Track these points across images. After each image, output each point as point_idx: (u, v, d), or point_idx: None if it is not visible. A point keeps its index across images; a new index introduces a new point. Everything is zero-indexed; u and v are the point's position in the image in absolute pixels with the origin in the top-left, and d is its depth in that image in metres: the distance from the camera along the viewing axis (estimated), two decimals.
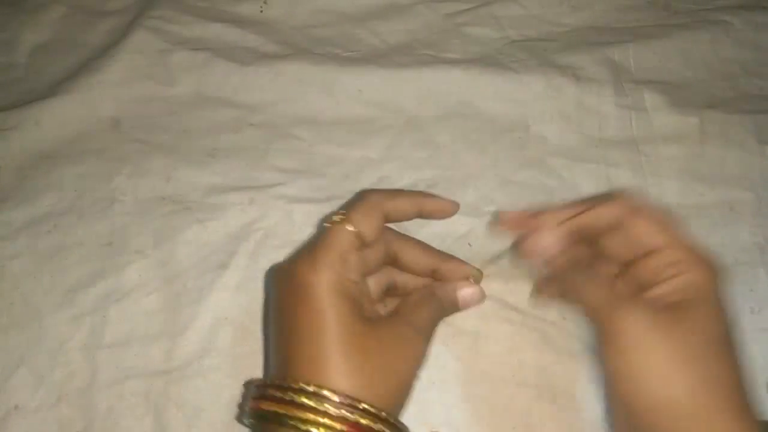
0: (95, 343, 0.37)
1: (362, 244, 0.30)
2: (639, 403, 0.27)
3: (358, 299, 0.29)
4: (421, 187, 0.43)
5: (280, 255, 0.40)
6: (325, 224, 0.31)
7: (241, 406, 0.35)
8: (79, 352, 0.37)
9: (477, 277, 0.35)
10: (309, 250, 0.30)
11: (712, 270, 0.29)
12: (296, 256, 0.30)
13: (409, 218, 0.33)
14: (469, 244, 0.41)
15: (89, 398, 0.36)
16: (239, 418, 0.34)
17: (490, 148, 0.45)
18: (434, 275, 0.34)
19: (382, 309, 0.34)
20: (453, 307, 0.34)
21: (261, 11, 0.52)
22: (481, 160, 0.44)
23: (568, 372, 0.36)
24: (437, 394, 0.36)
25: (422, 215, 0.34)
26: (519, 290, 0.39)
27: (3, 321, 0.38)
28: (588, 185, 0.43)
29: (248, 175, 0.43)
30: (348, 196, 0.42)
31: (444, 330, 0.37)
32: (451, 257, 0.35)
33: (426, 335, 0.31)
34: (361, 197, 0.32)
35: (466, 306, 0.34)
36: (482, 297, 0.34)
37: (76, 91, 0.46)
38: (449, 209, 0.35)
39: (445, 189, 0.43)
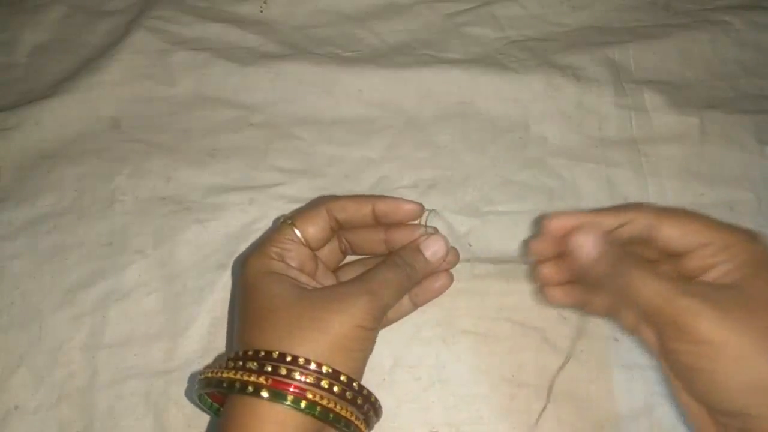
0: (95, 343, 0.37)
1: (307, 243, 0.34)
2: (728, 389, 0.26)
3: (293, 275, 0.32)
4: (421, 187, 0.43)
5: None
6: (278, 222, 0.34)
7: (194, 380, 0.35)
8: (79, 352, 0.37)
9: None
10: (258, 245, 0.33)
11: (758, 241, 0.29)
12: (248, 250, 0.34)
13: (364, 221, 0.34)
14: (469, 244, 0.41)
15: (89, 398, 0.36)
16: (188, 394, 0.36)
17: (490, 148, 0.45)
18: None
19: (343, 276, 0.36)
20: (422, 264, 0.33)
21: (261, 11, 0.52)
22: (481, 160, 0.44)
23: (568, 372, 0.36)
24: (437, 394, 0.36)
25: (377, 217, 0.34)
26: (519, 290, 0.39)
27: (3, 321, 0.38)
28: (588, 185, 0.43)
29: (248, 175, 0.43)
30: None
31: (444, 330, 0.37)
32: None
33: (378, 295, 0.30)
34: (312, 202, 0.36)
35: (436, 257, 0.33)
36: (446, 245, 0.33)
37: (76, 91, 0.46)
38: (406, 210, 0.34)
39: (445, 189, 0.43)
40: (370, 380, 0.36)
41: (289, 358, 0.28)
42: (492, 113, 0.46)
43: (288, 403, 0.27)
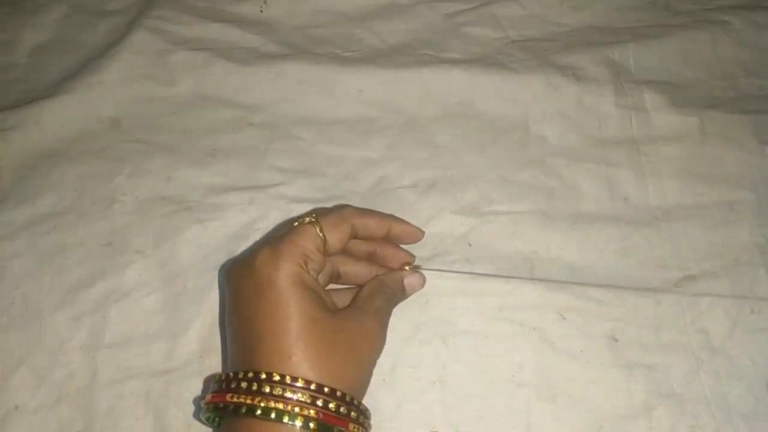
0: (95, 343, 0.37)
1: (325, 249, 0.32)
2: None
3: (320, 292, 0.30)
4: (421, 187, 0.43)
5: None
6: (295, 223, 0.32)
7: (199, 402, 0.33)
8: (79, 352, 0.37)
9: (411, 263, 0.37)
10: (271, 245, 0.30)
11: None
12: (257, 251, 0.30)
13: (376, 237, 0.35)
14: (469, 244, 0.41)
15: (89, 398, 0.36)
16: (196, 415, 0.34)
17: (490, 148, 0.45)
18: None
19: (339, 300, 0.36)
20: (401, 293, 0.35)
21: (261, 11, 0.52)
22: (481, 160, 0.44)
23: (568, 372, 0.36)
24: (437, 394, 0.36)
25: (390, 237, 0.36)
26: (519, 290, 0.39)
27: (3, 321, 0.38)
28: (588, 185, 0.43)
29: (248, 175, 0.43)
30: (348, 196, 0.42)
31: (444, 330, 0.37)
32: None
33: (383, 323, 0.32)
34: (336, 208, 0.34)
35: (412, 291, 0.36)
36: (423, 282, 0.36)
37: (76, 91, 0.46)
38: (416, 236, 0.37)
39: (445, 189, 0.43)
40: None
41: (330, 392, 0.27)
42: (492, 113, 0.46)
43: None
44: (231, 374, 0.28)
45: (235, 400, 0.27)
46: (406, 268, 0.36)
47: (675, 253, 0.40)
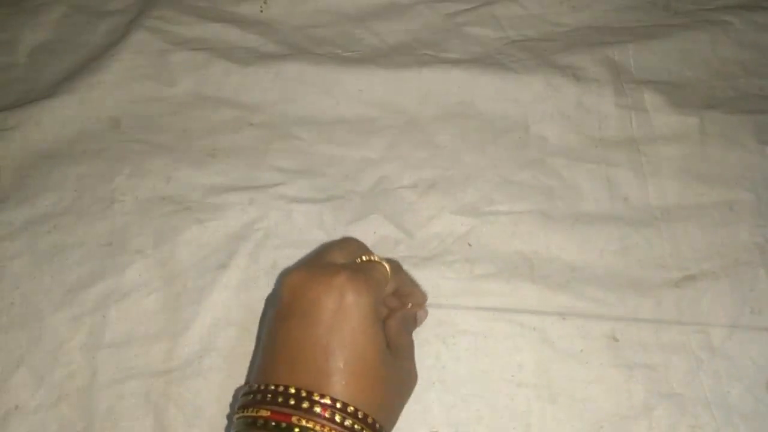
0: (95, 343, 0.37)
1: (386, 289, 0.32)
2: None
3: (383, 330, 0.30)
4: (421, 187, 0.43)
5: (280, 255, 0.40)
6: (362, 258, 0.32)
7: (231, 415, 0.33)
8: (79, 352, 0.37)
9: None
10: (354, 271, 0.30)
11: None
12: (335, 272, 0.29)
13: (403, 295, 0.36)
14: (469, 244, 0.41)
15: (89, 398, 0.36)
16: (228, 429, 0.34)
17: (490, 148, 0.45)
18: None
19: None
20: (414, 326, 0.36)
21: (261, 11, 0.52)
22: (481, 160, 0.44)
23: (568, 372, 0.36)
24: (437, 394, 0.36)
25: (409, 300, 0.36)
26: (519, 290, 0.39)
27: (3, 321, 0.38)
28: (588, 185, 0.43)
29: (248, 175, 0.43)
30: (348, 196, 0.42)
31: (444, 330, 0.37)
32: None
33: (413, 359, 0.33)
34: (394, 263, 0.34)
35: (420, 324, 0.37)
36: (427, 315, 0.37)
37: (76, 91, 0.46)
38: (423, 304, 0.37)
39: (445, 189, 0.43)
40: None
41: (371, 422, 0.27)
42: (492, 113, 0.46)
43: None
44: (271, 386, 0.27)
45: (296, 422, 0.26)
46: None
47: (675, 253, 0.40)
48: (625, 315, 0.38)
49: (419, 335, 0.37)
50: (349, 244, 0.34)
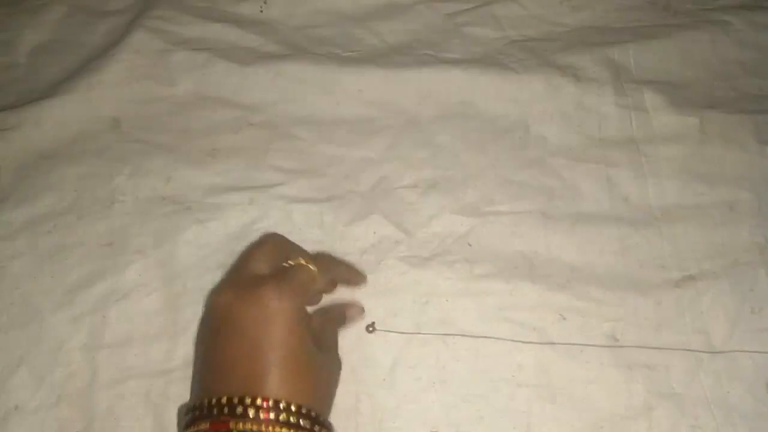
0: (95, 343, 0.37)
1: (315, 287, 0.34)
2: None
3: (308, 328, 0.32)
4: (421, 187, 0.43)
5: None
6: (288, 262, 0.33)
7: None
8: (79, 352, 0.37)
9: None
10: (277, 280, 0.31)
11: None
12: (260, 283, 0.30)
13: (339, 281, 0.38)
14: (469, 244, 0.41)
15: (89, 398, 0.36)
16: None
17: (490, 148, 0.45)
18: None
19: None
20: (342, 322, 0.37)
21: (261, 11, 0.52)
22: (481, 160, 0.44)
23: (568, 372, 0.36)
24: (437, 394, 0.36)
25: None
26: (519, 290, 0.39)
27: (3, 321, 0.38)
28: (588, 185, 0.43)
29: (248, 175, 0.43)
30: (348, 196, 0.42)
31: (444, 330, 0.37)
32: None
33: (337, 350, 0.35)
34: (323, 256, 0.38)
35: (351, 322, 0.38)
36: (362, 313, 0.38)
37: (76, 91, 0.46)
38: (359, 282, 0.39)
39: (445, 189, 0.43)
40: (370, 380, 0.36)
41: (314, 415, 0.29)
42: (492, 113, 0.46)
43: None
44: (227, 399, 0.28)
45: (234, 427, 0.27)
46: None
47: (675, 253, 0.40)
48: (625, 315, 0.38)
49: (419, 335, 0.37)
50: (270, 246, 0.34)
